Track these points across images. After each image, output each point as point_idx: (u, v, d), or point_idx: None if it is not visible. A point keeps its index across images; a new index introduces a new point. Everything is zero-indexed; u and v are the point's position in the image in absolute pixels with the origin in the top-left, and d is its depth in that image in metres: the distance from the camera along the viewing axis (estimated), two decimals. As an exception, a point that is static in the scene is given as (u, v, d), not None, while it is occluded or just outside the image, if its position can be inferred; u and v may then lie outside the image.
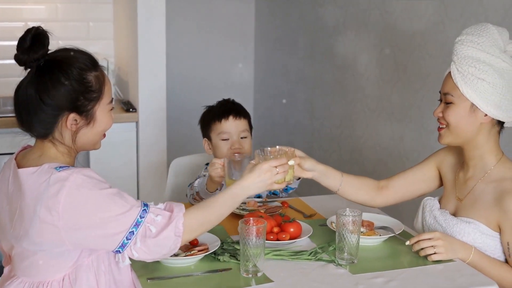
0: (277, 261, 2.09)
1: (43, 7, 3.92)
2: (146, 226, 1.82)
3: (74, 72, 1.84)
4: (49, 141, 1.89)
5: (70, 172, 1.79)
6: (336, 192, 2.42)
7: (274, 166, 1.99)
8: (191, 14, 5.51)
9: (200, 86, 5.66)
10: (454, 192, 2.29)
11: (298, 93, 5.17)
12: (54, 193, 1.76)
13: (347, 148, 4.48)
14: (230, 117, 2.68)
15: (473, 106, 2.12)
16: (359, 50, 4.26)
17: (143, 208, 1.84)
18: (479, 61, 2.09)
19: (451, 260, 2.11)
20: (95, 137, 1.95)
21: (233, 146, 2.66)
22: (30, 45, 1.81)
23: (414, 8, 3.67)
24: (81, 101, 1.85)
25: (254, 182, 1.97)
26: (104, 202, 1.79)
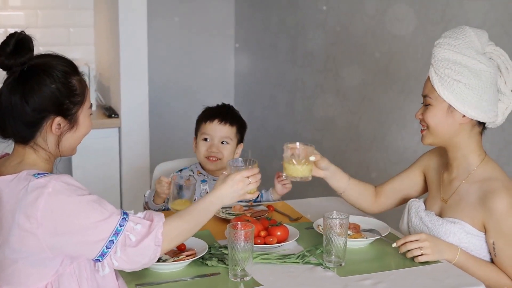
0: (265, 265, 2.10)
1: (23, 13, 3.90)
2: (126, 234, 1.81)
3: (59, 76, 1.84)
4: (30, 147, 1.88)
5: (48, 179, 1.78)
6: (341, 194, 2.50)
7: (246, 176, 2.02)
8: (171, 19, 5.51)
9: (181, 90, 5.66)
10: (439, 193, 2.31)
11: (278, 96, 5.18)
12: (33, 200, 1.75)
13: (329, 151, 4.50)
14: (215, 120, 2.73)
15: (450, 107, 2.16)
16: (340, 54, 4.29)
17: (123, 217, 1.83)
18: (455, 63, 2.13)
19: (437, 261, 2.13)
20: (75, 142, 1.95)
21: (210, 148, 2.71)
22: (13, 50, 1.80)
23: (395, 12, 3.70)
24: (67, 105, 1.85)
25: (227, 193, 1.99)
26: (83, 209, 1.78)
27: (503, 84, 2.18)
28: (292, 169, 2.30)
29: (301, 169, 2.30)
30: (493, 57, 2.17)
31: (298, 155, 2.29)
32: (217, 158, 2.71)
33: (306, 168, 2.30)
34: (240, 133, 2.79)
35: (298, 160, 2.29)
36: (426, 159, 2.43)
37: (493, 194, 2.12)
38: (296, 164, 2.29)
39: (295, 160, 2.29)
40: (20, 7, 3.89)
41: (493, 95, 2.15)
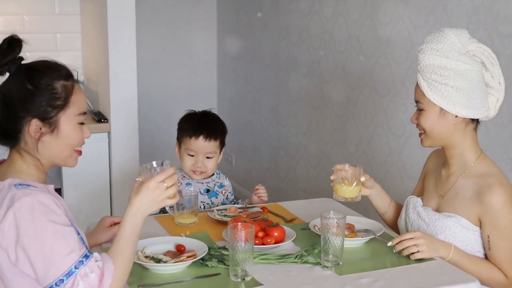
0: (264, 265, 2.13)
1: (9, 18, 3.90)
2: (77, 279, 1.74)
3: (41, 79, 1.83)
4: (17, 151, 1.88)
5: (26, 193, 1.77)
6: (383, 214, 2.57)
7: (161, 181, 1.87)
8: (156, 24, 5.55)
9: (165, 94, 5.70)
10: (436, 189, 2.38)
11: (262, 100, 5.22)
12: (4, 211, 1.75)
13: (314, 154, 4.55)
14: (200, 137, 2.76)
15: (442, 110, 2.23)
16: (324, 58, 4.34)
17: (80, 260, 1.77)
18: (440, 68, 2.20)
19: (432, 259, 2.18)
20: (63, 150, 1.90)
21: (196, 164, 2.77)
22: (3, 51, 1.82)
23: (379, 16, 3.76)
24: (44, 107, 1.84)
25: (144, 203, 1.86)
26: (45, 237, 1.74)
27: (490, 78, 2.26)
28: (343, 190, 2.38)
29: (351, 190, 2.38)
30: (476, 54, 2.25)
31: (348, 177, 2.37)
32: (202, 172, 2.78)
33: (356, 189, 2.39)
34: (222, 141, 2.85)
35: (348, 181, 2.37)
36: (427, 162, 2.54)
37: (489, 189, 2.19)
38: (346, 186, 2.37)
39: (346, 182, 2.37)
40: (7, 13, 3.89)
41: (481, 91, 2.23)
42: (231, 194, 2.89)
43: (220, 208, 2.63)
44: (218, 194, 2.83)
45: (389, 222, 2.59)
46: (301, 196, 4.57)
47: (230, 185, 2.91)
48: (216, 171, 2.90)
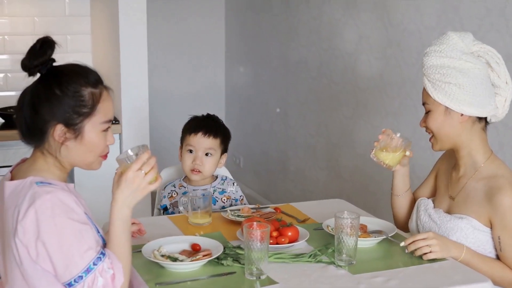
0: (278, 264, 2.15)
1: (21, 20, 3.93)
2: (96, 275, 1.78)
3: (69, 85, 1.84)
4: (40, 151, 1.90)
5: (47, 191, 1.79)
6: (397, 196, 2.56)
7: (138, 169, 1.86)
8: (164, 26, 5.58)
9: (173, 96, 5.73)
10: (447, 191, 2.40)
11: (271, 102, 5.24)
12: (25, 208, 1.77)
13: (323, 156, 4.56)
14: (199, 133, 2.80)
15: (447, 109, 2.27)
16: (334, 59, 4.35)
17: (98, 256, 1.81)
18: (443, 67, 2.24)
19: (444, 259, 2.19)
20: (86, 156, 1.91)
21: (194, 161, 2.79)
22: (35, 52, 1.84)
23: (390, 17, 3.78)
24: (70, 114, 1.85)
25: (127, 195, 1.87)
26: (65, 234, 1.77)
27: (496, 78, 2.29)
28: (384, 155, 2.40)
29: (391, 158, 2.40)
30: (481, 55, 2.28)
31: (395, 144, 2.38)
32: (199, 171, 2.78)
33: (396, 159, 2.40)
34: (224, 143, 2.86)
35: (393, 148, 2.38)
36: (438, 163, 2.55)
37: (499, 191, 2.21)
38: (389, 152, 2.39)
39: (391, 147, 2.38)
40: (17, 14, 3.91)
41: (486, 90, 2.26)
42: (236, 200, 2.87)
43: (233, 208, 2.64)
44: (217, 200, 2.83)
45: (399, 208, 2.57)
46: (310, 198, 4.59)
47: (237, 191, 2.88)
48: (223, 177, 2.91)
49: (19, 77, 3.99)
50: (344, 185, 4.32)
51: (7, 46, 3.91)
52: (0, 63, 3.92)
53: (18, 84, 3.87)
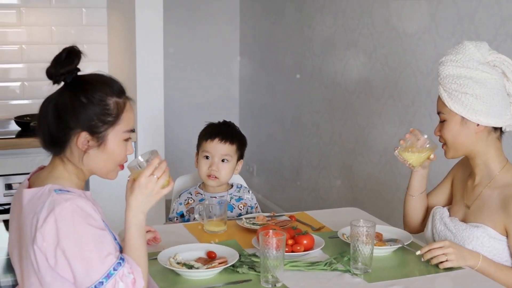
0: (294, 272, 2.15)
1: (38, 29, 3.96)
2: (117, 280, 1.80)
3: (94, 93, 1.86)
4: (60, 158, 1.91)
5: (66, 198, 1.80)
6: (412, 196, 2.55)
7: (150, 174, 1.89)
8: (179, 36, 5.62)
9: (187, 105, 5.77)
10: (462, 200, 2.40)
11: (285, 111, 5.25)
12: (45, 216, 1.78)
13: (337, 164, 4.56)
14: (216, 139, 2.80)
15: (463, 119, 2.26)
16: (348, 68, 4.36)
17: (118, 261, 1.83)
18: (459, 77, 2.24)
19: (460, 268, 2.19)
20: (107, 164, 1.93)
21: (210, 167, 2.79)
22: (62, 61, 1.86)
23: (405, 27, 3.78)
24: (95, 122, 1.87)
25: (141, 201, 1.90)
26: (85, 240, 1.79)
27: (511, 88, 2.28)
28: (408, 154, 2.39)
29: (415, 158, 2.39)
30: (497, 64, 2.28)
31: (420, 145, 2.37)
32: (215, 177, 2.79)
33: (419, 159, 2.39)
34: (240, 150, 2.87)
35: (418, 149, 2.38)
36: (454, 170, 2.54)
37: None
38: (414, 152, 2.38)
39: (416, 148, 2.38)
40: (34, 23, 3.95)
41: (502, 100, 2.25)
42: (251, 208, 2.88)
43: (248, 216, 2.65)
44: (234, 207, 2.84)
45: (412, 210, 2.56)
46: (323, 206, 4.59)
47: (252, 198, 2.90)
48: (238, 185, 2.92)
49: (35, 85, 4.06)
50: (358, 194, 4.31)
51: (24, 55, 3.94)
52: (17, 72, 3.95)
53: (35, 93, 3.97)
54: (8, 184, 3.39)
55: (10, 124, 3.76)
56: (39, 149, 3.27)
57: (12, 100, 3.96)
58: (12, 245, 1.97)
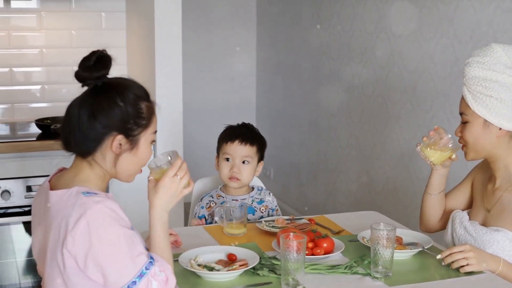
0: (314, 274, 2.16)
1: (58, 33, 3.99)
2: (149, 279, 1.83)
3: (129, 96, 1.89)
4: (87, 161, 1.92)
5: (96, 200, 1.81)
6: (432, 194, 2.54)
7: (174, 175, 1.94)
8: (196, 40, 5.65)
9: (204, 109, 5.80)
10: (483, 204, 2.40)
11: (302, 115, 5.26)
12: (76, 219, 1.78)
13: (354, 168, 4.57)
14: (236, 141, 2.82)
15: (486, 122, 2.26)
16: (365, 72, 4.36)
17: (150, 260, 1.85)
18: (485, 80, 2.23)
19: (481, 272, 2.19)
20: (134, 167, 1.96)
21: (232, 169, 2.81)
22: (92, 65, 1.87)
23: (423, 31, 3.78)
24: (131, 125, 1.89)
25: (165, 201, 1.94)
26: (118, 241, 1.80)
27: None
28: (430, 152, 2.40)
29: (437, 156, 2.39)
30: None
31: (444, 144, 2.38)
32: (237, 179, 2.80)
33: (441, 157, 2.39)
34: (261, 151, 2.88)
35: (441, 147, 2.38)
36: (473, 173, 2.53)
37: None
38: (436, 150, 2.39)
39: (439, 146, 2.38)
40: (56, 27, 3.98)
41: None
42: (272, 210, 2.90)
43: (267, 219, 2.66)
44: (256, 210, 2.85)
45: (430, 209, 2.55)
46: (341, 210, 4.59)
47: (273, 201, 2.91)
48: (259, 187, 2.93)
49: (55, 89, 4.09)
50: (376, 198, 4.31)
51: (44, 59, 3.98)
52: (37, 75, 3.99)
53: (54, 96, 4.00)
54: (29, 186, 3.41)
55: (31, 127, 3.80)
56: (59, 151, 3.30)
57: (32, 103, 4.00)
58: (36, 247, 1.98)
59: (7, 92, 3.96)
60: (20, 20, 3.92)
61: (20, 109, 3.97)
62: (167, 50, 3.61)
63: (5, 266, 3.65)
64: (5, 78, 3.94)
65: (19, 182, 3.40)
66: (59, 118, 3.67)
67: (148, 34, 3.70)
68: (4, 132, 3.75)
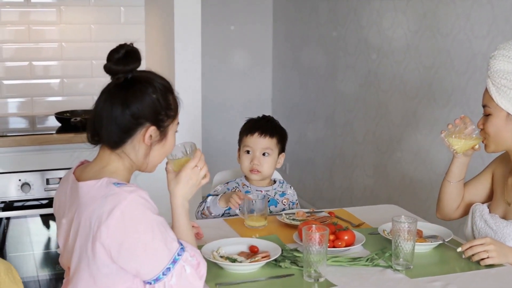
0: (336, 267, 2.18)
1: (77, 27, 4.03)
2: (182, 265, 1.87)
3: (160, 88, 1.93)
4: (117, 153, 1.94)
5: (129, 190, 1.83)
6: (451, 182, 2.54)
7: (194, 166, 2.01)
8: (212, 34, 5.67)
9: (220, 104, 5.83)
10: (503, 197, 2.41)
11: (318, 110, 5.27)
12: (109, 210, 1.80)
13: (371, 163, 4.58)
14: (256, 133, 2.85)
15: (509, 115, 2.27)
16: (382, 68, 4.38)
17: (181, 247, 1.89)
18: (510, 73, 2.25)
19: (501, 265, 2.20)
20: (160, 158, 2.01)
21: (252, 161, 2.83)
22: (122, 58, 1.89)
23: (440, 26, 3.79)
24: (162, 116, 1.93)
25: (186, 191, 2.00)
26: (152, 229, 1.83)
27: None
28: (455, 140, 2.41)
29: (462, 144, 2.40)
30: None
31: (469, 133, 2.39)
32: (258, 171, 2.82)
33: (465, 146, 2.40)
34: (281, 143, 2.90)
35: (466, 135, 2.39)
36: (494, 165, 2.54)
37: None
38: (461, 138, 2.40)
39: (464, 134, 2.40)
40: (74, 21, 4.02)
41: None
42: (293, 203, 2.92)
43: (288, 212, 2.69)
44: (278, 203, 2.88)
45: (449, 196, 2.56)
46: (357, 205, 4.59)
47: (294, 194, 2.94)
48: (280, 180, 2.95)
49: (74, 82, 4.12)
50: (393, 193, 4.33)
51: (64, 53, 4.01)
52: (57, 69, 4.02)
53: (73, 90, 4.02)
54: (48, 179, 3.45)
55: (49, 120, 3.84)
56: (79, 144, 3.34)
57: (51, 97, 4.03)
58: (61, 239, 2.00)
59: (27, 86, 4.00)
60: (39, 15, 3.95)
61: (39, 103, 4.00)
62: (187, 45, 3.63)
63: (23, 259, 3.68)
64: (24, 71, 3.98)
65: (39, 175, 3.43)
66: (78, 112, 3.76)
67: (167, 28, 3.72)
68: (23, 125, 3.79)
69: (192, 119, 3.71)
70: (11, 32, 3.93)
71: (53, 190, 3.42)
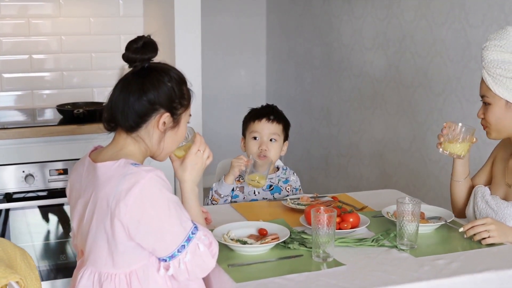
0: (343, 247, 2.25)
1: (76, 20, 4.06)
2: (196, 242, 1.96)
3: (175, 77, 2.04)
4: (132, 137, 2.02)
5: (146, 169, 1.91)
6: (458, 181, 2.60)
7: (197, 150, 2.14)
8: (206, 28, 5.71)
9: (214, 96, 5.88)
10: (503, 179, 2.48)
11: (313, 101, 5.33)
12: (128, 188, 1.88)
13: (366, 153, 4.65)
14: (263, 119, 2.92)
15: (507, 103, 2.34)
16: (377, 57, 4.44)
17: (195, 225, 1.98)
18: (504, 62, 2.31)
19: (502, 244, 2.28)
20: (173, 146, 2.09)
21: (260, 146, 2.89)
22: (140, 48, 1.99)
23: (434, 16, 3.86)
24: (176, 104, 2.02)
25: (193, 175, 2.13)
26: (168, 207, 1.92)
27: None
28: (453, 146, 2.46)
29: (462, 147, 2.46)
30: None
31: (458, 134, 2.45)
32: (265, 156, 2.88)
33: (465, 147, 2.46)
34: (286, 130, 2.98)
35: (461, 139, 2.45)
36: (495, 151, 2.62)
37: None
38: (457, 143, 2.46)
39: (459, 139, 2.45)
40: (74, 15, 4.05)
41: None
42: (296, 190, 2.98)
43: (292, 197, 2.75)
44: (282, 189, 2.94)
45: (458, 194, 2.62)
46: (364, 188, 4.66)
47: (297, 181, 3.00)
48: (283, 167, 3.02)
49: (73, 75, 4.16)
50: (388, 181, 4.40)
51: (63, 46, 4.05)
52: (57, 61, 4.06)
53: (73, 82, 4.06)
54: (51, 170, 3.49)
55: (50, 113, 3.88)
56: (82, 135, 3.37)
57: (51, 90, 4.07)
58: (75, 220, 2.06)
59: (27, 79, 4.03)
60: (39, 8, 3.98)
61: (39, 96, 4.04)
62: (187, 38, 3.68)
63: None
64: (24, 64, 4.01)
65: (42, 166, 3.48)
66: (79, 104, 3.81)
67: (166, 21, 3.76)
68: (24, 118, 3.83)
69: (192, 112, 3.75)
70: (11, 26, 3.96)
71: (56, 182, 3.47)
